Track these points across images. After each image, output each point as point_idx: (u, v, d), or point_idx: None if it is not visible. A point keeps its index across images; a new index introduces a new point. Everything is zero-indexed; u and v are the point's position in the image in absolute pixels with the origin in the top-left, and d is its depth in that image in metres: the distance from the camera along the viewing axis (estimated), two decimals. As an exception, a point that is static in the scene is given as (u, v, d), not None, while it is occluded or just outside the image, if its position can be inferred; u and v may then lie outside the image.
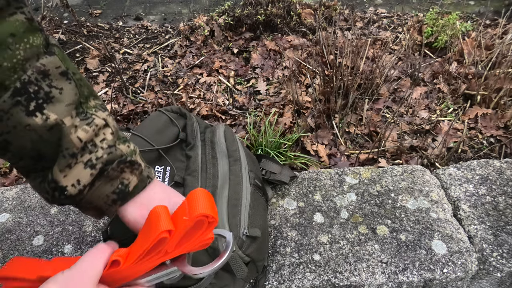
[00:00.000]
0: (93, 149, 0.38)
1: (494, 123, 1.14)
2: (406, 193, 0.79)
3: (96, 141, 0.38)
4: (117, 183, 0.40)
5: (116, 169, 0.40)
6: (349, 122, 1.17)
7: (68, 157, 0.37)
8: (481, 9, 1.94)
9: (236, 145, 0.66)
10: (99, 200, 0.40)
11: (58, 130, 0.36)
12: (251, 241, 0.55)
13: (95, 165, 0.38)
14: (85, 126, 0.37)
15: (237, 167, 0.62)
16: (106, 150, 0.39)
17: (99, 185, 0.39)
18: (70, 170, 0.37)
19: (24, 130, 0.34)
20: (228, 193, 0.58)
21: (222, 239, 0.47)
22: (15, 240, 0.73)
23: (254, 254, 0.56)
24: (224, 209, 0.55)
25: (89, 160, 0.38)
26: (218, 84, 1.43)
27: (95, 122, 0.38)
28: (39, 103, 0.35)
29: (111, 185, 0.40)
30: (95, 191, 0.39)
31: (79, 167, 0.37)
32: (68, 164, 0.37)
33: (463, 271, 0.66)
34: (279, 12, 1.66)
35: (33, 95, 0.34)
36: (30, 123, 0.34)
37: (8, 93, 0.33)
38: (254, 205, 0.60)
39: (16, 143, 0.35)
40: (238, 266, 0.53)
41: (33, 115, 0.34)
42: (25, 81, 0.34)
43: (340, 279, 0.65)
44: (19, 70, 0.33)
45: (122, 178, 0.41)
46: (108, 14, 2.14)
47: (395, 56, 1.41)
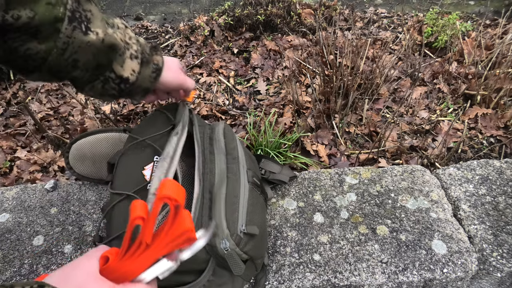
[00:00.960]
0: (128, 46, 0.51)
1: (494, 123, 1.14)
2: (406, 193, 0.79)
3: (127, 39, 0.51)
4: (151, 65, 0.55)
5: (149, 54, 0.54)
6: (349, 122, 1.17)
7: (122, 55, 0.50)
8: (481, 9, 1.94)
9: (235, 143, 0.66)
10: (145, 81, 0.54)
11: (108, 40, 0.47)
12: (249, 239, 0.55)
13: (136, 56, 0.52)
14: (117, 31, 0.49)
15: (235, 165, 0.62)
16: (136, 44, 0.52)
17: (144, 69, 0.53)
18: (125, 65, 0.51)
19: (86, 47, 0.45)
20: (226, 190, 0.58)
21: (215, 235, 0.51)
22: (15, 240, 0.73)
23: (252, 251, 0.55)
24: (222, 206, 0.55)
25: (131, 54, 0.51)
26: (218, 84, 1.43)
27: (120, 26, 0.50)
28: (86, 24, 0.44)
29: (149, 68, 0.54)
30: (142, 74, 0.53)
31: (128, 61, 0.51)
32: (123, 60, 0.50)
33: (463, 271, 0.66)
34: (279, 12, 1.66)
35: (79, 19, 0.43)
36: (89, 40, 0.44)
37: (65, 22, 0.42)
38: (253, 203, 0.60)
39: (82, 59, 0.46)
40: (235, 263, 0.53)
41: (87, 34, 0.44)
42: (71, 10, 0.42)
43: (340, 279, 0.65)
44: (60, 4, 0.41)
45: (154, 60, 0.55)
46: (108, 14, 2.13)
47: (395, 56, 1.41)
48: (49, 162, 1.14)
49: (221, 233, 0.53)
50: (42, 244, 0.73)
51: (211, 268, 0.54)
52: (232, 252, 0.52)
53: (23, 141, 1.22)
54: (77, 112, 1.30)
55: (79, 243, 0.73)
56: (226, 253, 0.52)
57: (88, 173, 0.79)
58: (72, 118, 1.28)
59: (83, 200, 0.81)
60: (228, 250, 0.52)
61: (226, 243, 0.52)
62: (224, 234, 0.53)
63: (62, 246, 0.72)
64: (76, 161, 0.77)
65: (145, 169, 0.61)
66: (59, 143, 1.18)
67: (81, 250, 0.72)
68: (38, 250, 0.72)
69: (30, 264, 0.69)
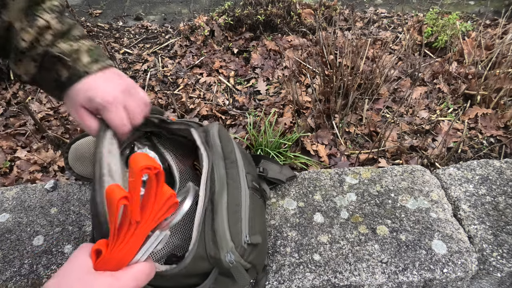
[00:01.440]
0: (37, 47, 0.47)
1: (494, 123, 1.14)
2: (406, 193, 0.79)
3: (40, 40, 0.47)
4: (53, 73, 0.49)
5: (48, 61, 0.48)
6: (349, 122, 1.17)
7: (19, 54, 0.47)
8: (481, 9, 1.94)
9: (232, 146, 0.63)
10: (48, 84, 0.50)
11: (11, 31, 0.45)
12: (253, 248, 0.54)
13: (36, 59, 0.48)
14: (28, 28, 0.46)
15: (234, 170, 0.60)
16: (44, 47, 0.47)
17: (43, 73, 0.49)
18: (20, 63, 0.48)
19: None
20: (228, 199, 0.56)
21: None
22: (15, 240, 0.73)
23: (255, 260, 0.55)
24: (225, 216, 0.54)
25: (33, 55, 0.47)
26: (218, 84, 1.43)
27: (37, 23, 0.46)
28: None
29: (50, 74, 0.49)
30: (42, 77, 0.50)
31: (26, 61, 0.47)
32: (18, 59, 0.47)
33: (463, 271, 0.66)
34: (279, 12, 1.66)
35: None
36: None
37: None
38: (254, 209, 0.58)
39: None
40: (241, 275, 0.52)
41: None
42: None
43: (340, 279, 0.65)
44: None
45: (56, 70, 0.49)
46: (108, 14, 2.14)
47: (395, 56, 1.41)
48: (49, 162, 1.14)
49: (225, 246, 0.51)
50: (42, 244, 0.73)
51: (213, 277, 0.53)
52: (237, 264, 0.51)
53: (23, 141, 1.22)
54: (77, 112, 1.30)
55: (79, 243, 0.73)
56: (231, 266, 0.50)
57: (87, 173, 0.79)
58: (72, 118, 1.28)
59: (83, 200, 0.81)
60: (233, 263, 0.50)
61: (231, 256, 0.50)
62: (229, 247, 0.51)
63: (62, 246, 0.72)
64: (75, 162, 0.77)
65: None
66: (59, 143, 1.18)
67: (81, 250, 0.72)
68: (38, 250, 0.72)
69: (30, 264, 0.69)
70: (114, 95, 0.50)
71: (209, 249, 0.51)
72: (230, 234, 0.52)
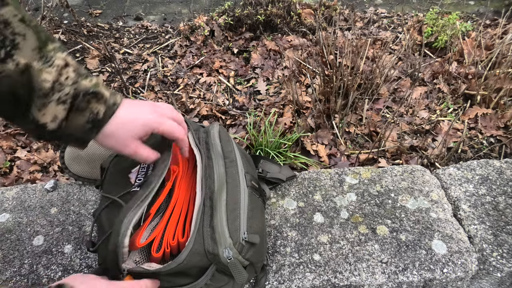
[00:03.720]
0: (60, 88, 0.43)
1: (494, 123, 1.14)
2: (406, 193, 0.79)
3: (61, 80, 0.43)
4: (88, 113, 0.45)
5: (83, 100, 0.44)
6: (349, 122, 1.17)
7: (42, 97, 0.41)
8: (481, 9, 1.94)
9: (232, 146, 0.65)
10: (77, 131, 0.45)
11: (29, 73, 0.40)
12: (251, 246, 0.55)
13: (65, 101, 0.43)
14: (48, 69, 0.41)
15: (234, 169, 0.61)
16: (71, 86, 0.43)
17: (73, 117, 0.44)
18: (46, 109, 0.42)
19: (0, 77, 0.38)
20: (227, 197, 0.57)
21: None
22: (15, 240, 0.73)
23: (253, 257, 0.55)
24: (224, 213, 0.55)
25: (59, 98, 0.43)
26: (218, 84, 1.43)
27: (55, 63, 0.43)
28: (8, 50, 0.38)
29: (83, 116, 0.45)
30: (71, 123, 0.45)
31: (53, 105, 0.42)
32: (43, 103, 0.42)
33: (463, 271, 0.66)
34: (279, 12, 1.66)
35: (1, 44, 0.38)
36: (4, 70, 0.38)
37: None
38: (252, 208, 0.59)
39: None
40: (238, 271, 0.53)
41: (4, 62, 0.38)
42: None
43: (340, 279, 0.65)
44: None
45: (91, 108, 0.45)
46: (108, 14, 2.14)
47: (395, 56, 1.41)
48: (49, 162, 1.14)
49: (224, 242, 0.52)
50: (42, 244, 0.73)
51: (210, 273, 0.54)
52: (235, 260, 0.52)
53: (23, 141, 1.22)
54: (77, 112, 1.30)
55: (79, 243, 0.73)
56: (229, 262, 0.52)
57: (83, 173, 0.78)
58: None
59: (83, 200, 0.81)
60: (231, 259, 0.52)
61: (229, 252, 0.52)
62: (227, 243, 0.52)
63: (62, 246, 0.72)
64: (72, 161, 0.77)
65: (131, 172, 0.61)
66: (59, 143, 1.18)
67: (81, 250, 0.72)
68: (38, 250, 0.72)
69: (30, 264, 0.69)
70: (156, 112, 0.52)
71: (207, 245, 0.53)
72: (229, 231, 0.53)
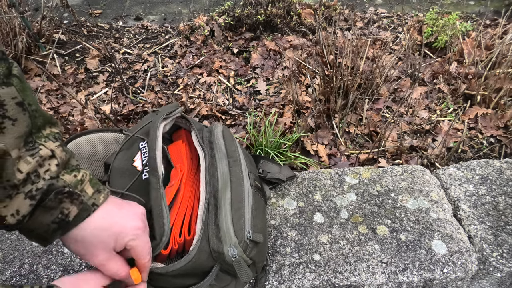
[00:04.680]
0: (36, 180, 0.38)
1: (494, 123, 1.14)
2: (406, 193, 0.79)
3: (40, 172, 0.38)
4: (56, 213, 0.40)
5: (54, 199, 0.39)
6: (349, 122, 1.17)
7: (9, 188, 0.36)
8: (481, 9, 1.94)
9: (235, 146, 0.65)
10: (40, 228, 0.40)
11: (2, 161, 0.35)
12: (255, 244, 0.55)
13: (34, 196, 0.38)
14: (28, 158, 0.37)
15: (237, 168, 0.62)
16: (47, 181, 0.39)
17: (39, 214, 0.39)
18: (10, 201, 0.37)
19: None
20: (231, 195, 0.57)
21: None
22: (15, 240, 0.73)
23: (256, 256, 0.56)
24: (228, 212, 0.55)
25: (29, 191, 0.38)
26: (218, 84, 1.43)
27: (40, 153, 0.38)
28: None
29: (51, 215, 0.39)
30: (35, 220, 0.39)
31: (19, 197, 0.37)
32: (8, 195, 0.37)
33: (463, 271, 0.66)
34: (279, 12, 1.66)
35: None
36: None
37: None
38: (256, 207, 0.60)
39: None
40: (243, 270, 0.53)
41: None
42: None
43: (340, 279, 0.65)
44: None
45: (61, 208, 0.40)
46: (108, 14, 2.14)
47: (395, 56, 1.41)
48: (49, 162, 1.14)
49: (229, 240, 0.53)
50: (42, 244, 0.73)
51: (214, 273, 0.54)
52: (240, 259, 0.52)
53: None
54: (77, 112, 1.30)
55: (79, 243, 0.73)
56: (234, 260, 0.52)
57: None
58: (72, 118, 1.28)
59: (83, 200, 0.81)
60: (236, 258, 0.52)
61: (234, 250, 0.52)
62: (232, 241, 0.53)
63: (62, 246, 0.72)
64: None
65: (135, 161, 0.61)
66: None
67: (81, 250, 0.72)
68: (38, 250, 0.72)
69: (30, 264, 0.69)
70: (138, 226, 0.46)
71: (212, 243, 0.53)
72: (234, 230, 0.54)
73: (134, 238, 0.44)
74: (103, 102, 1.37)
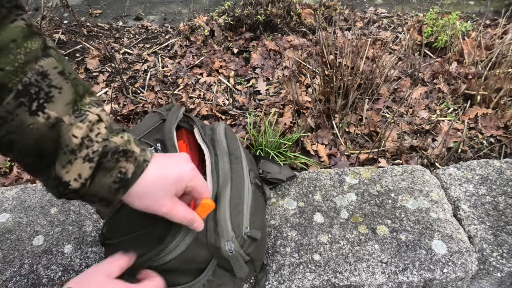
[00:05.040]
0: (90, 144, 0.40)
1: (494, 123, 1.14)
2: (406, 193, 0.79)
3: (92, 136, 0.41)
4: (115, 173, 0.42)
5: (111, 159, 0.42)
6: (349, 122, 1.17)
7: (68, 153, 0.39)
8: (481, 9, 1.94)
9: (237, 144, 0.66)
10: (102, 191, 0.42)
11: (58, 128, 0.38)
12: (252, 241, 0.55)
13: (92, 158, 0.40)
14: (79, 123, 0.40)
15: (239, 166, 0.62)
16: (101, 143, 0.41)
17: (99, 177, 0.41)
18: (71, 166, 0.39)
19: (28, 129, 0.36)
20: (231, 191, 0.58)
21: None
22: (15, 240, 0.73)
23: (254, 253, 0.56)
24: (227, 207, 0.56)
25: (87, 155, 0.40)
26: (218, 84, 1.43)
27: (88, 118, 0.40)
28: (41, 103, 0.36)
29: (111, 176, 0.42)
30: (97, 183, 0.41)
31: (78, 162, 0.39)
32: (69, 160, 0.39)
33: (463, 271, 0.66)
34: (279, 12, 1.66)
35: (34, 95, 0.36)
36: (33, 122, 0.36)
37: (11, 95, 0.35)
38: (255, 204, 0.60)
39: (20, 142, 0.37)
40: (239, 265, 0.53)
41: (35, 115, 0.36)
42: (27, 83, 0.36)
43: (340, 279, 0.65)
44: (20, 73, 0.35)
45: (120, 167, 0.42)
46: (108, 14, 2.14)
47: (395, 56, 1.41)
48: (49, 162, 1.14)
49: (226, 235, 0.53)
50: (42, 244, 0.73)
51: (211, 268, 0.55)
52: (236, 254, 0.53)
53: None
54: (77, 112, 1.30)
55: (79, 243, 0.73)
56: (230, 255, 0.52)
57: None
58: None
59: (83, 200, 0.81)
60: (232, 252, 0.52)
61: (231, 245, 0.52)
62: (229, 236, 0.53)
63: (62, 246, 0.72)
64: None
65: None
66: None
67: (81, 250, 0.72)
68: (38, 250, 0.72)
69: (30, 264, 0.69)
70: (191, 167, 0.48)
71: (209, 237, 0.53)
72: (231, 224, 0.54)
73: (192, 178, 0.47)
74: (103, 102, 1.37)
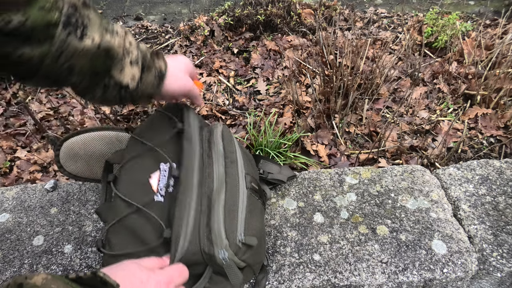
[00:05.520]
0: (128, 51, 0.50)
1: (494, 123, 1.14)
2: (406, 193, 0.79)
3: (127, 46, 0.50)
4: (155, 70, 0.54)
5: (151, 59, 0.53)
6: (349, 122, 1.17)
7: (120, 61, 0.49)
8: (481, 9, 1.94)
9: (234, 146, 0.64)
10: (149, 87, 0.54)
11: (104, 45, 0.46)
12: (247, 247, 0.54)
13: (136, 61, 0.51)
14: (115, 37, 0.48)
15: (234, 170, 0.61)
16: (136, 49, 0.51)
17: (146, 75, 0.53)
18: (124, 71, 0.50)
19: (81, 53, 0.44)
20: (225, 197, 0.57)
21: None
22: (15, 240, 0.73)
23: (250, 259, 0.55)
24: (221, 214, 0.54)
25: (131, 60, 0.50)
26: (218, 84, 1.43)
27: (118, 33, 0.49)
28: (82, 29, 0.43)
29: (151, 73, 0.54)
30: (145, 81, 0.53)
31: (128, 66, 0.50)
32: (122, 67, 0.49)
33: (463, 271, 0.66)
34: (279, 12, 1.66)
35: (75, 24, 0.43)
36: (84, 46, 0.44)
37: (59, 27, 0.41)
38: (251, 210, 0.59)
39: (78, 65, 0.45)
40: (233, 273, 0.52)
41: (83, 39, 0.44)
42: (67, 14, 0.42)
43: (340, 279, 0.65)
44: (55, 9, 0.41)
45: (156, 65, 0.54)
46: (108, 14, 2.14)
47: (395, 56, 1.41)
48: (49, 162, 1.14)
49: (220, 243, 0.52)
50: (42, 244, 0.73)
51: (207, 275, 0.54)
52: (230, 262, 0.52)
53: (23, 141, 1.22)
54: (77, 112, 1.30)
55: (79, 243, 0.73)
56: (224, 263, 0.51)
57: (80, 172, 0.76)
58: (72, 118, 1.28)
59: (83, 200, 0.81)
60: (226, 261, 0.51)
61: (225, 253, 0.51)
62: (223, 244, 0.52)
63: (62, 246, 0.72)
64: (68, 160, 0.74)
65: (151, 177, 0.59)
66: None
67: (81, 250, 0.72)
68: (38, 250, 0.72)
69: (30, 264, 0.69)
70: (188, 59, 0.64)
71: (203, 245, 0.52)
72: (225, 232, 0.53)
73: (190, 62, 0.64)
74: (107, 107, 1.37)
